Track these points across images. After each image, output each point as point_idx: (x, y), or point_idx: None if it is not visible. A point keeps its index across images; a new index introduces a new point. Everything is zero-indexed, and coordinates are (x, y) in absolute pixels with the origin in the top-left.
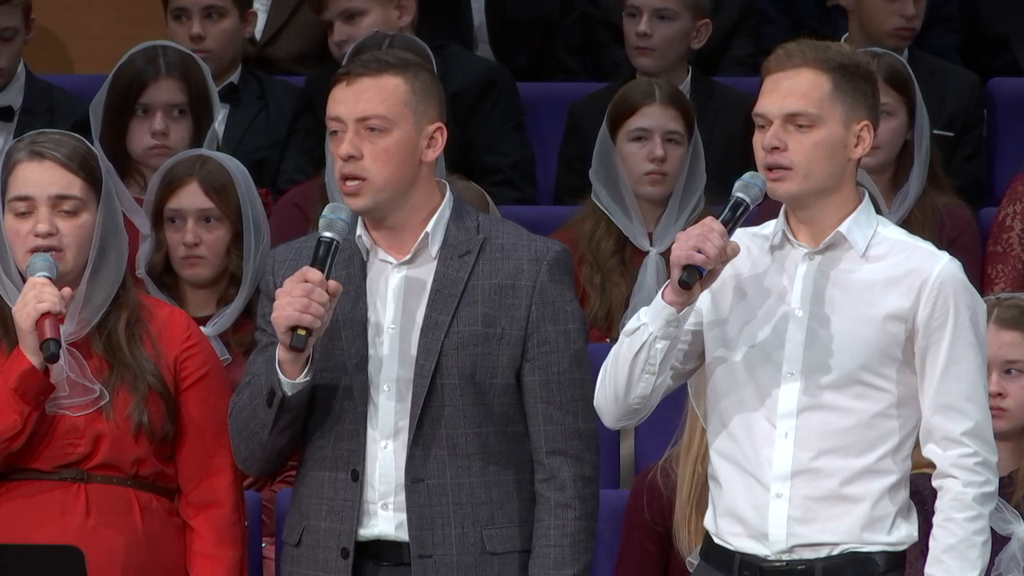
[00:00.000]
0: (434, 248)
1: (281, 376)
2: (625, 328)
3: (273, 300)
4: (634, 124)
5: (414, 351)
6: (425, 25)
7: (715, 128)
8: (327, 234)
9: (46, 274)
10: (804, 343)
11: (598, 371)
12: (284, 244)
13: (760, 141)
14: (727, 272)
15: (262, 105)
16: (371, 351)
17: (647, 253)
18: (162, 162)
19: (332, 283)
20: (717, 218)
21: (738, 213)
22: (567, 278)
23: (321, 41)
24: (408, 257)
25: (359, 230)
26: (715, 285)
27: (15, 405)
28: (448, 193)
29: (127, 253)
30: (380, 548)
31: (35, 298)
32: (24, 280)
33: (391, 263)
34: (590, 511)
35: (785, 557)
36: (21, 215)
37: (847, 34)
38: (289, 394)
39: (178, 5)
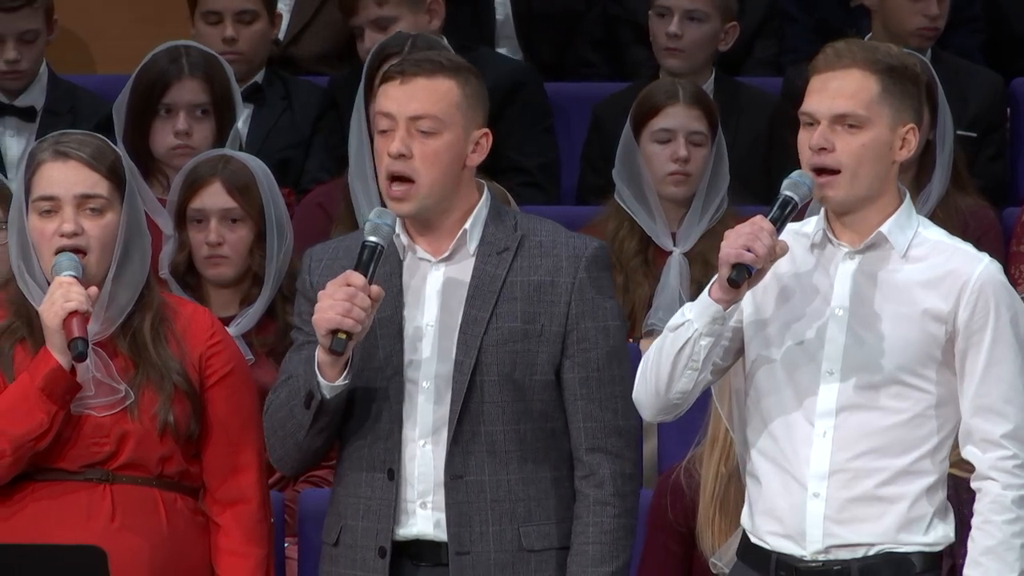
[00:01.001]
0: (472, 245)
1: (320, 379)
2: (669, 323)
3: (309, 299)
4: (658, 124)
5: (453, 348)
6: (446, 22)
7: (739, 128)
8: (372, 239)
9: (72, 273)
10: (844, 343)
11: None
12: (321, 244)
13: (806, 140)
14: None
15: (286, 105)
16: (409, 349)
17: (670, 253)
18: (185, 162)
19: (375, 288)
20: (766, 216)
21: (787, 212)
22: (606, 275)
23: (344, 41)
24: (446, 255)
25: (397, 228)
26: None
27: (42, 405)
28: (486, 192)
29: (151, 253)
30: (419, 548)
31: (62, 297)
32: (48, 280)
33: (429, 261)
34: (629, 508)
35: (821, 557)
36: (46, 215)
37: (870, 34)
38: (328, 397)
39: (210, 8)
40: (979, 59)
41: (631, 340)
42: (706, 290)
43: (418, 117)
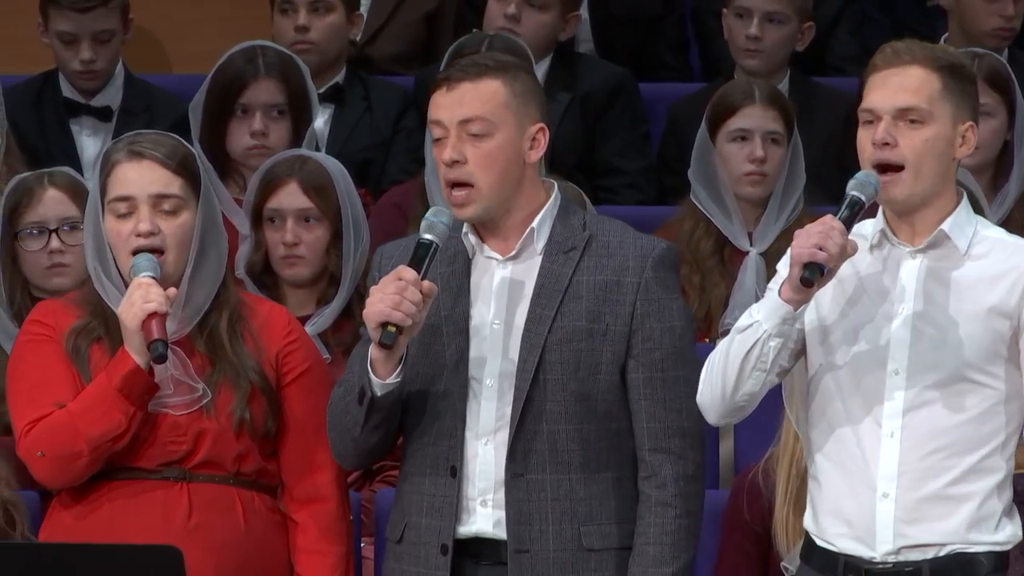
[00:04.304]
0: (539, 244)
1: (372, 376)
2: (736, 325)
3: None
4: (734, 125)
5: (517, 346)
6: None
7: (813, 128)
8: (427, 236)
9: (151, 274)
10: (910, 342)
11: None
12: (392, 241)
13: (868, 137)
14: None
15: (366, 106)
16: (473, 347)
17: (747, 253)
18: (261, 162)
19: (426, 283)
20: (835, 216)
21: (855, 211)
22: (673, 275)
23: (421, 41)
24: (513, 253)
25: (465, 227)
26: None
27: (120, 405)
28: (555, 191)
29: (227, 251)
30: (479, 546)
31: (141, 298)
32: (125, 281)
33: (496, 260)
34: (692, 509)
35: (891, 559)
36: (122, 216)
37: (947, 34)
38: (379, 394)
39: None
40: None
41: (707, 340)
42: (775, 291)
43: (467, 120)
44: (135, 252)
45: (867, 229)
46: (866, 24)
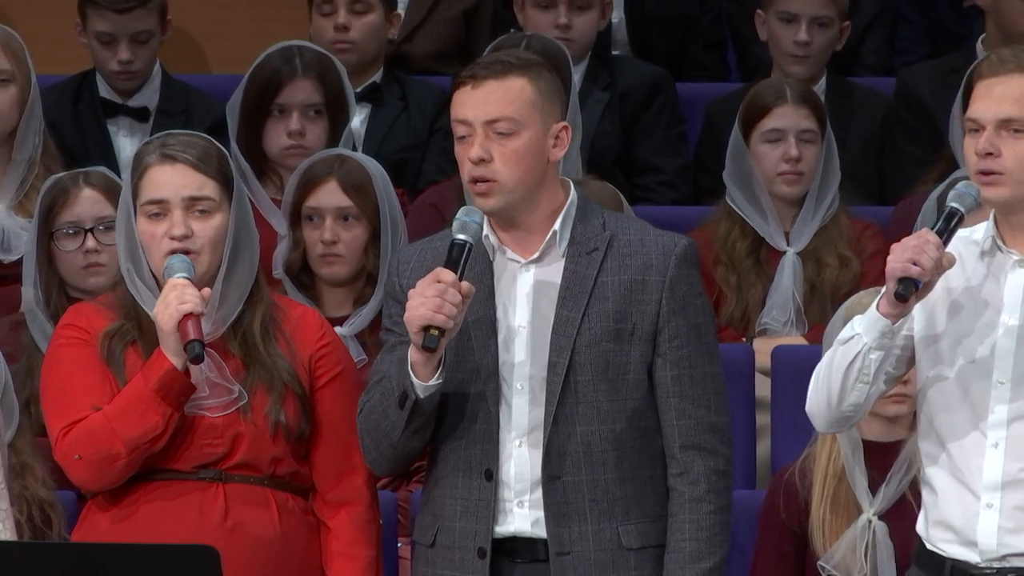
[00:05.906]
0: (562, 246)
1: (414, 378)
2: (839, 336)
3: (398, 301)
4: (767, 125)
5: (546, 349)
6: None
7: (851, 128)
8: (461, 236)
9: (185, 275)
10: (1015, 352)
11: (729, 368)
12: (408, 245)
13: (972, 146)
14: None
15: (403, 105)
16: (503, 351)
17: (784, 253)
18: (298, 162)
19: (465, 284)
20: (932, 229)
21: (952, 223)
22: (695, 272)
23: (458, 39)
24: (536, 256)
25: (485, 229)
26: None
27: (157, 407)
28: (572, 192)
29: (259, 251)
30: (515, 545)
31: (177, 299)
32: (159, 282)
33: (519, 262)
34: (724, 504)
35: (996, 565)
36: (155, 218)
37: (984, 35)
38: (422, 396)
39: None
40: None
41: (743, 340)
42: (874, 304)
43: (494, 120)
44: (169, 254)
45: (980, 234)
46: (902, 24)
